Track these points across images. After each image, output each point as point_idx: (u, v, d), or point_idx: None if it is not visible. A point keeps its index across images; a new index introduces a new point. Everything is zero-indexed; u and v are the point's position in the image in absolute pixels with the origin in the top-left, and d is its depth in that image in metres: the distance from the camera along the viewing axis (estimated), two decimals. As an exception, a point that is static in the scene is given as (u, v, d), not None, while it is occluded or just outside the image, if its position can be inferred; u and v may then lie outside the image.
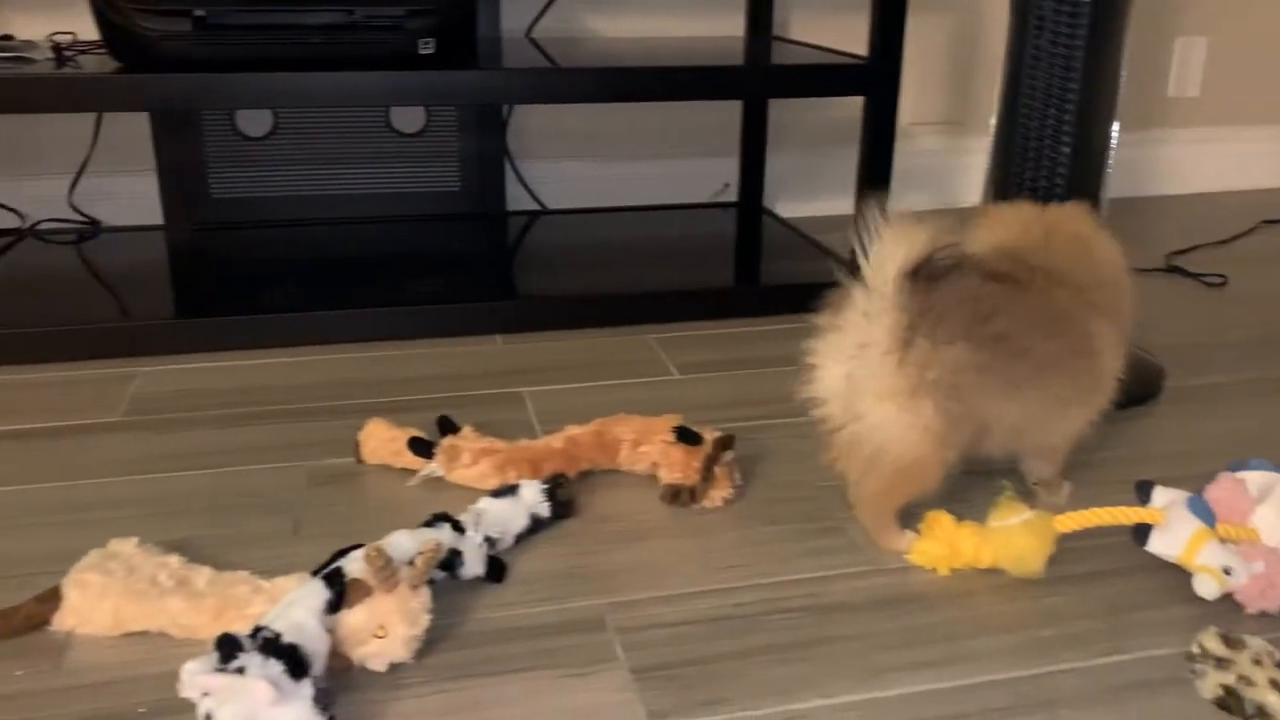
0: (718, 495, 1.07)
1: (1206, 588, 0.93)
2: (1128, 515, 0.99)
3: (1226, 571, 0.92)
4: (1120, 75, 1.29)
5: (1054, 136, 1.29)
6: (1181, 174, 2.38)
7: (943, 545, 0.98)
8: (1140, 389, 1.37)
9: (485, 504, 1.00)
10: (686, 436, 1.08)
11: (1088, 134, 1.29)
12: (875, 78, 1.55)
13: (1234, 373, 1.44)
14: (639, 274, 1.70)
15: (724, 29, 2.04)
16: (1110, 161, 1.31)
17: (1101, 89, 1.28)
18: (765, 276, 1.73)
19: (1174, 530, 0.96)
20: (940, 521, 0.99)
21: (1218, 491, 0.98)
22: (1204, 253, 1.93)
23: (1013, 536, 0.97)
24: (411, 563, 0.86)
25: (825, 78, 1.58)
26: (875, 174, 1.60)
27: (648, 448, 1.10)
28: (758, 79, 1.59)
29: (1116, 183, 2.32)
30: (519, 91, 1.52)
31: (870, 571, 0.99)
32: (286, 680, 0.74)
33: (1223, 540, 0.95)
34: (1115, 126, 1.30)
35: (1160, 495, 1.00)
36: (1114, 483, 1.15)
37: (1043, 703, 0.82)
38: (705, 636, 0.90)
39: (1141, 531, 0.97)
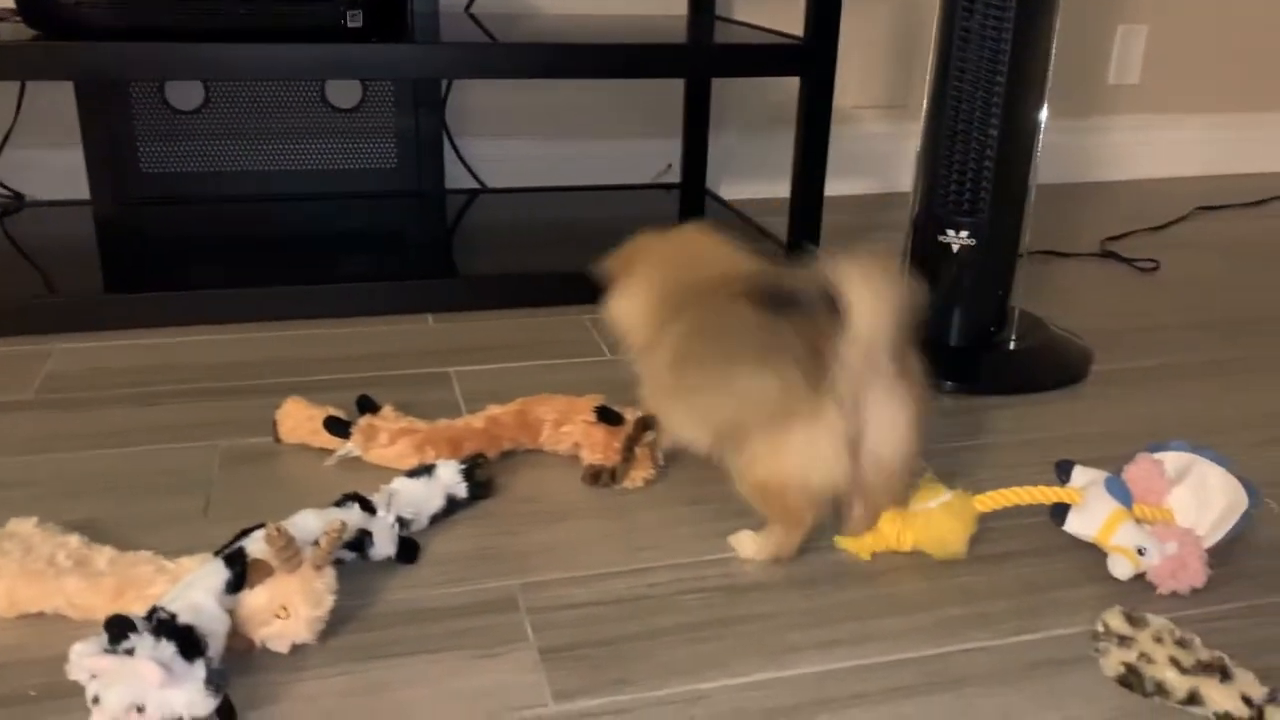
0: (639, 476, 1.06)
1: (1121, 568, 0.94)
2: (1046, 495, 0.99)
3: (1140, 552, 0.93)
4: (1050, 59, 1.29)
5: (982, 119, 1.28)
6: (1120, 161, 2.41)
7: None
8: (1067, 372, 1.38)
9: (398, 484, 0.99)
10: (608, 417, 1.07)
11: (1016, 118, 1.29)
12: (811, 58, 1.54)
13: (1161, 356, 1.46)
14: (577, 253, 1.68)
15: (667, 8, 2.02)
16: (1039, 145, 1.32)
17: (1030, 73, 1.28)
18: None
19: (1091, 510, 0.96)
20: (859, 503, 0.99)
21: (1135, 472, 0.99)
22: (1139, 238, 1.95)
23: (933, 519, 0.97)
24: (316, 543, 0.84)
25: (763, 57, 1.57)
26: (811, 156, 1.60)
27: (570, 428, 1.09)
28: (698, 57, 1.58)
29: (1056, 169, 2.34)
30: (455, 66, 1.49)
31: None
32: (179, 661, 0.72)
33: (1139, 521, 0.95)
34: (1044, 110, 1.31)
35: (1079, 475, 1.00)
36: (1036, 464, 1.15)
37: (950, 681, 0.83)
38: (617, 617, 0.89)
39: (1059, 511, 0.98)
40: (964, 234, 1.32)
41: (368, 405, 1.12)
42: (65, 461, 1.10)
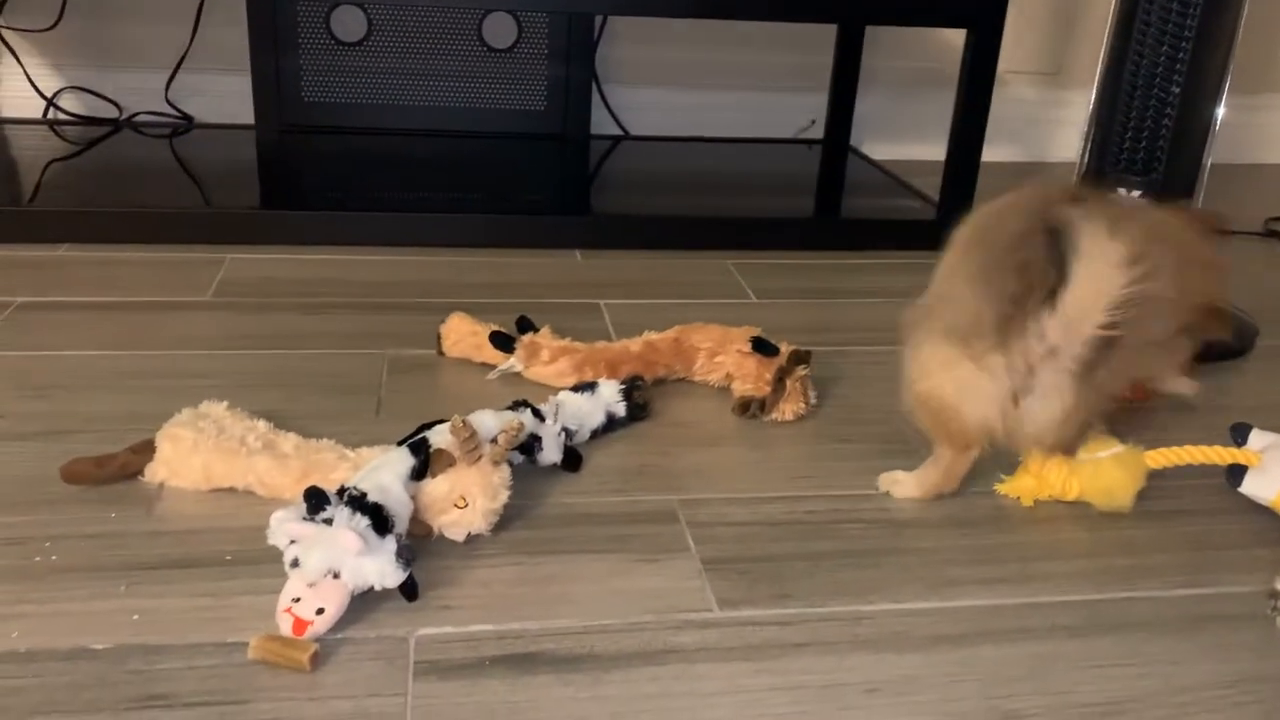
0: (789, 409, 1.07)
1: None
2: (1221, 455, 0.97)
3: (1316, 518, 0.90)
4: (1233, 48, 1.25)
5: (1165, 76, 1.25)
6: (1284, 143, 2.30)
7: (1030, 475, 0.97)
8: (1233, 345, 1.34)
9: (564, 396, 1.01)
10: (762, 347, 1.08)
11: (1194, 104, 1.24)
12: (982, 9, 1.51)
13: (1329, 337, 1.40)
14: (718, 200, 1.69)
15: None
16: (1222, 101, 1.27)
17: (1213, 60, 1.24)
18: (847, 211, 1.71)
19: (1270, 473, 0.94)
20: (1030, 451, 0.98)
21: None
22: (1303, 220, 1.87)
23: (1102, 469, 0.95)
24: (494, 440, 0.87)
25: (931, 5, 1.54)
26: (972, 116, 1.57)
27: (723, 358, 1.10)
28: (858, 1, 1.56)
29: (1221, 148, 2.25)
30: (610, 1, 1.51)
31: (946, 494, 0.99)
32: (372, 534, 0.76)
33: (1317, 487, 0.92)
34: (1230, 69, 1.26)
35: (1257, 438, 0.98)
36: (1199, 428, 1.12)
37: (1114, 625, 0.82)
38: (774, 537, 0.90)
39: (1236, 472, 0.96)
40: (1136, 194, 1.29)
41: (528, 325, 1.15)
42: (243, 358, 1.15)
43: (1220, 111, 1.29)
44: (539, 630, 0.77)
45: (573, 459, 0.97)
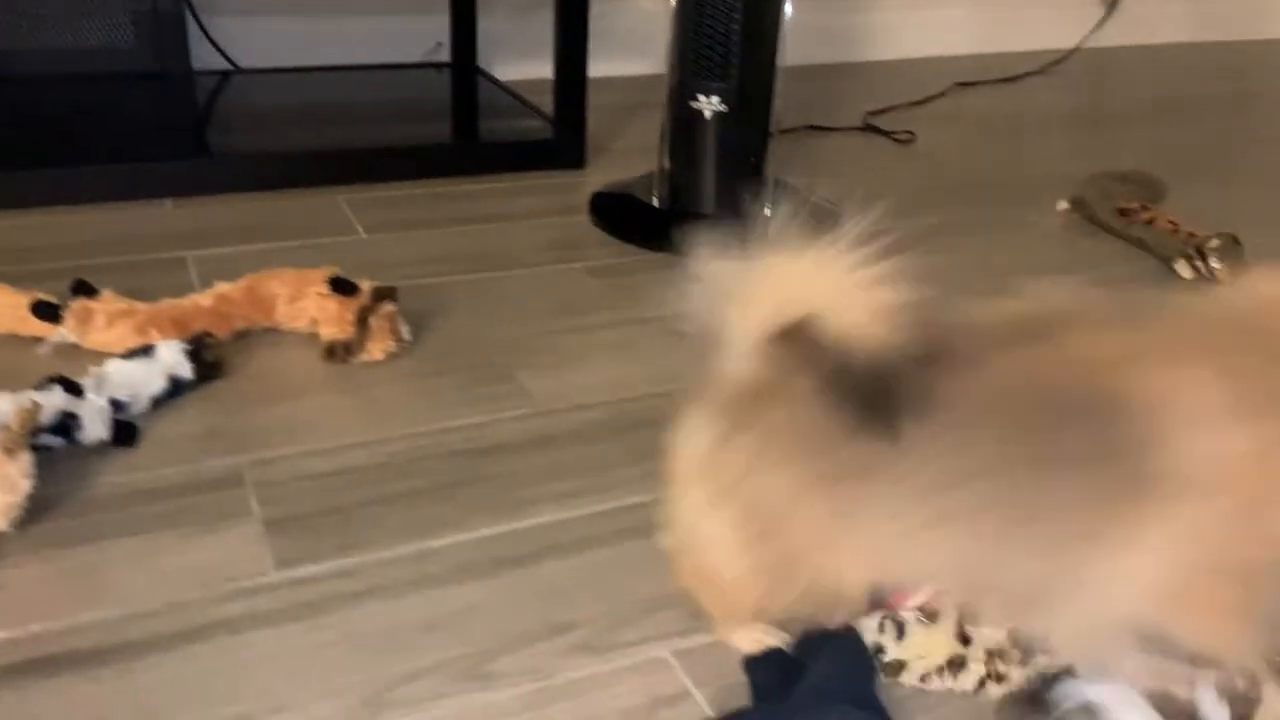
0: (377, 349, 1.03)
1: None
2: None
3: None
4: None
5: (726, 9, 1.28)
6: (885, 39, 2.47)
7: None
8: (820, 234, 1.42)
9: (111, 366, 0.93)
10: (341, 287, 1.04)
11: (758, 6, 1.29)
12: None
13: (907, 219, 1.52)
14: (334, 133, 1.61)
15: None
16: (788, 9, 1.32)
17: None
18: (472, 135, 1.68)
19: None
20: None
21: None
22: (899, 113, 2.02)
23: None
24: (7, 426, 0.78)
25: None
26: (571, 32, 1.56)
27: (304, 302, 1.05)
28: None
29: (823, 48, 2.38)
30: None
31: (534, 414, 0.99)
32: None
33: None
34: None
35: None
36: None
37: (679, 521, 0.85)
38: (350, 486, 0.87)
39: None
40: (715, 100, 1.33)
41: (83, 289, 1.04)
42: None
43: (788, 11, 1.34)
44: (64, 629, 0.71)
45: (125, 433, 0.89)
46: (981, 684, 0.70)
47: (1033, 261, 1.40)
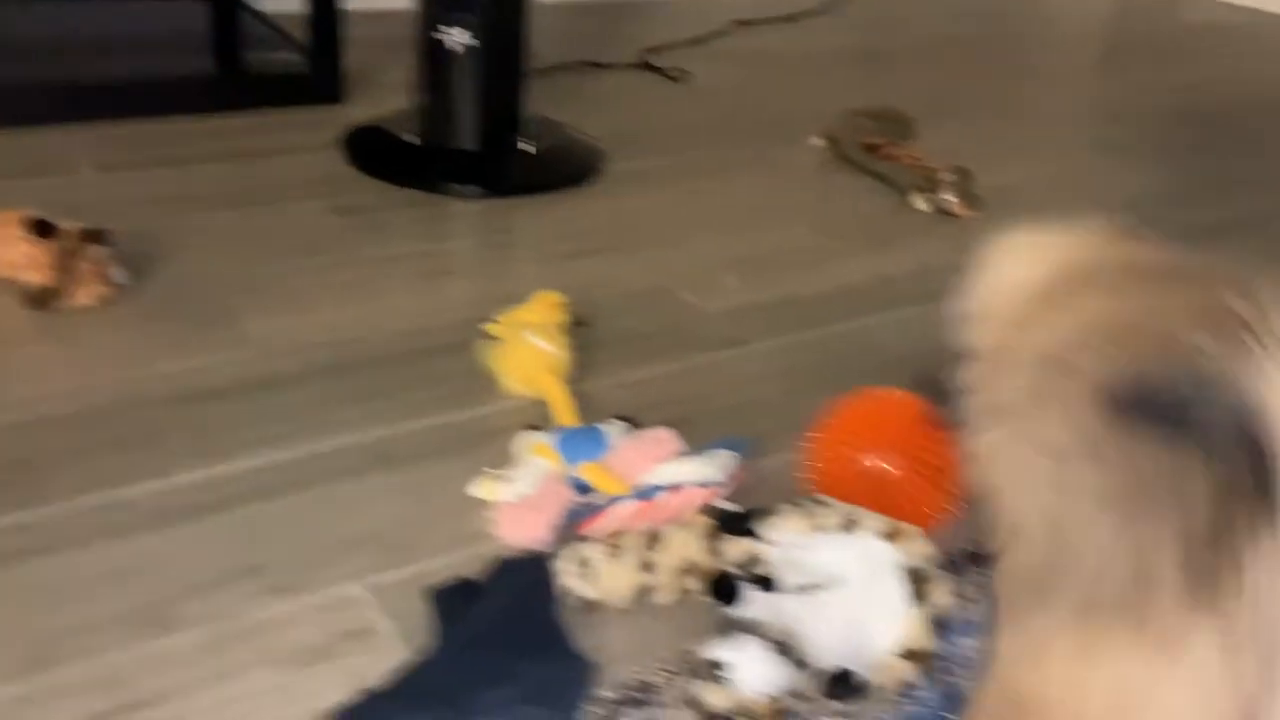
0: (86, 294, 0.98)
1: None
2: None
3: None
4: None
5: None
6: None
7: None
8: (580, 172, 1.43)
9: None
10: (40, 229, 0.98)
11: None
12: None
13: (672, 157, 1.54)
14: (79, 66, 1.50)
15: None
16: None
17: None
18: (233, 69, 1.60)
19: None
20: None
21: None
22: (677, 51, 2.03)
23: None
24: None
25: None
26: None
27: (1, 247, 0.98)
28: None
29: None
30: None
31: (255, 358, 0.96)
32: None
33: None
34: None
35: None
36: (543, 257, 1.20)
37: (400, 459, 0.85)
38: (43, 436, 0.83)
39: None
40: (462, 32, 1.30)
41: None
42: None
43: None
44: None
45: None
46: (677, 599, 0.73)
47: (783, 198, 1.44)
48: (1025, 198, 1.49)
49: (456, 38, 1.30)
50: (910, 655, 0.65)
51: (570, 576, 0.71)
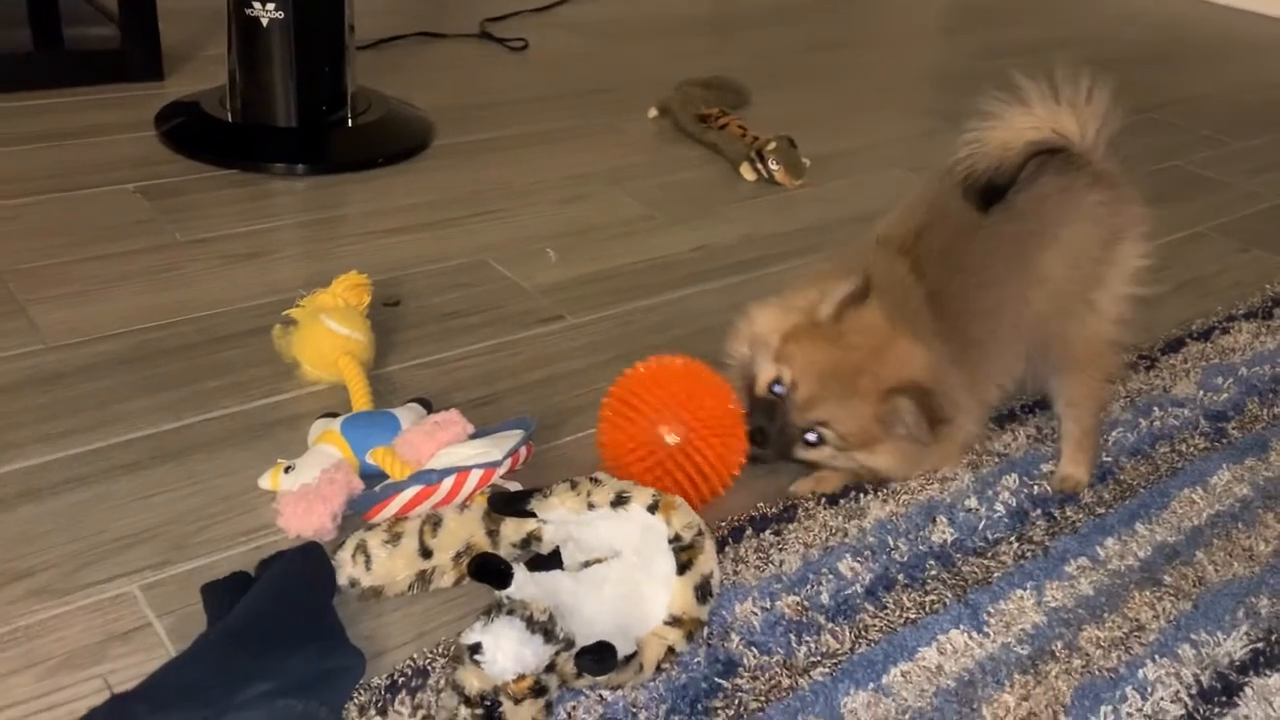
0: None
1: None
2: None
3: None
4: None
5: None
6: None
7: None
8: (407, 146, 1.41)
9: None
10: None
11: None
12: None
13: (505, 128, 1.53)
14: None
15: None
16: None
17: None
18: (50, 45, 1.52)
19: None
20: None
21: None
22: (519, 19, 2.00)
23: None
24: None
25: None
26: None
27: None
28: None
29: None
30: None
31: (41, 351, 0.93)
32: None
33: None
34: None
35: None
36: (367, 234, 1.19)
37: (178, 452, 0.83)
38: None
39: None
40: (270, 7, 1.27)
41: None
42: None
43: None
44: None
45: None
46: (458, 582, 0.74)
47: (613, 170, 1.44)
48: (851, 165, 1.52)
49: (263, 11, 1.27)
50: (677, 623, 0.68)
51: (349, 566, 0.71)
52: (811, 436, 0.82)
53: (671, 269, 1.21)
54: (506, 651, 0.59)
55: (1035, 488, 0.88)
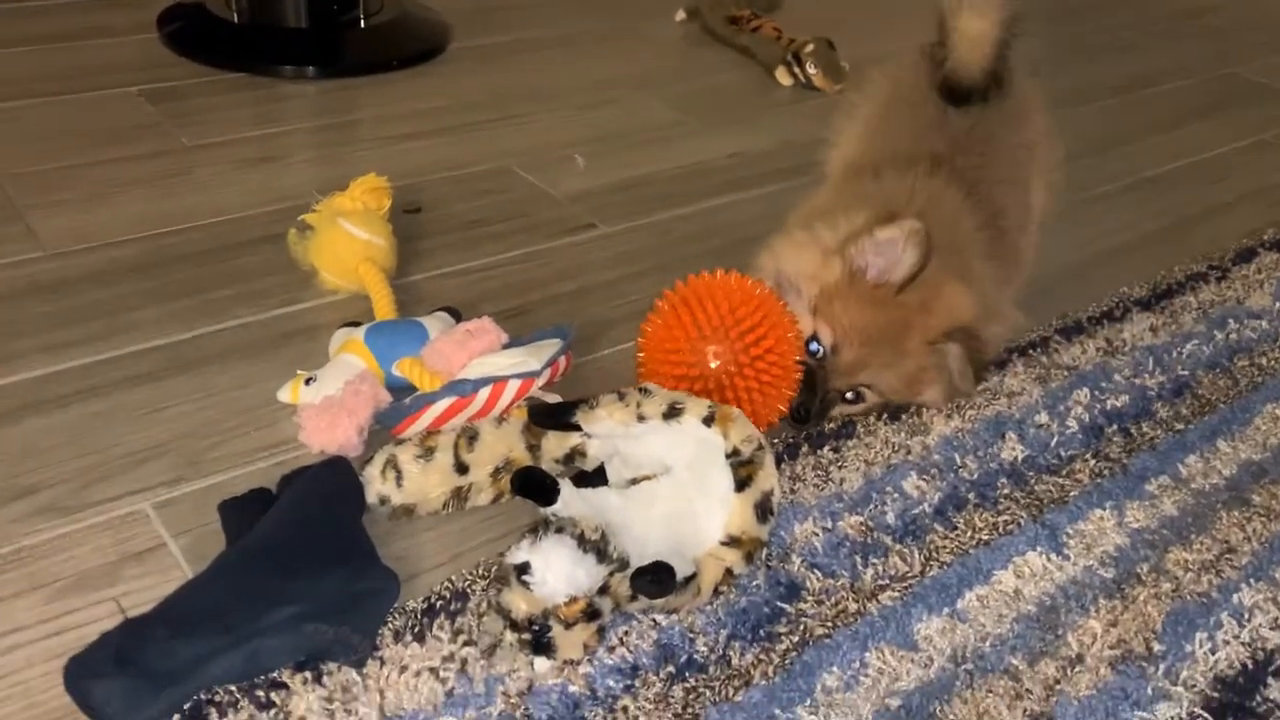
0: None
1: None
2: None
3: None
4: None
5: None
6: None
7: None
8: (424, 47, 1.33)
9: None
10: None
11: None
12: None
13: (520, 31, 1.45)
14: None
15: None
16: None
17: None
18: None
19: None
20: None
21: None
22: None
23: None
24: None
25: None
26: None
27: None
28: None
29: None
30: None
31: (42, 258, 0.87)
32: None
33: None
34: None
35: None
36: (387, 138, 1.13)
37: (191, 363, 0.78)
38: None
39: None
40: None
41: None
42: None
43: None
44: None
45: None
46: (495, 500, 0.69)
47: (641, 74, 1.37)
48: (892, 69, 1.44)
49: None
50: (735, 543, 0.62)
51: (378, 482, 0.66)
52: (851, 395, 0.78)
53: (706, 176, 1.14)
54: (557, 572, 0.54)
55: (1109, 402, 0.81)
